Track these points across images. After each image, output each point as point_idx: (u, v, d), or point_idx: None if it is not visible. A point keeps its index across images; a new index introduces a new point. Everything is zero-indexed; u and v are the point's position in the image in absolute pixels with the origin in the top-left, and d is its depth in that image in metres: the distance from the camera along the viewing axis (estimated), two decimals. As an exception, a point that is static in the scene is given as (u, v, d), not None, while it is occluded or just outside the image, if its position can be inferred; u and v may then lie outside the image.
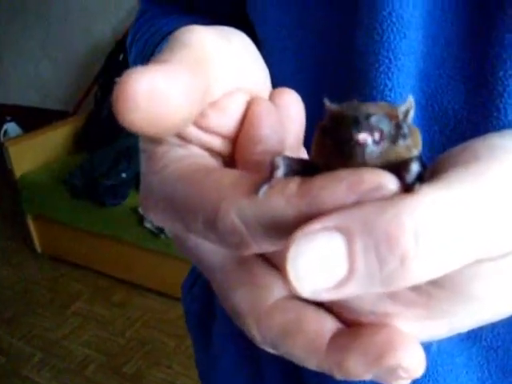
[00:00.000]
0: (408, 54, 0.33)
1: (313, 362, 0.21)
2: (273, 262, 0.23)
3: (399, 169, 0.19)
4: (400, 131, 0.20)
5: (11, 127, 3.43)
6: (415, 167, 0.19)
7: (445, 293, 0.19)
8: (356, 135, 0.19)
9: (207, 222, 0.20)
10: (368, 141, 0.19)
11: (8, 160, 2.64)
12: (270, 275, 0.23)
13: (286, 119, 0.25)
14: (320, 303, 0.22)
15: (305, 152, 0.27)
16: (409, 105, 0.20)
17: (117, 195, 2.40)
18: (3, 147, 2.64)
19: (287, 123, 0.25)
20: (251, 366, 0.52)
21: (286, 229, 0.19)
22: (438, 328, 0.21)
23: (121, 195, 2.40)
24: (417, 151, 0.20)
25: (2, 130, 3.42)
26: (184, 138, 0.24)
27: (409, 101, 0.20)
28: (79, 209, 2.54)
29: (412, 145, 0.20)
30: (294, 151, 0.25)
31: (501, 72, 0.31)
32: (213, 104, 0.23)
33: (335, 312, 0.22)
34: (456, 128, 0.33)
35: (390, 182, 0.18)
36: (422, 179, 0.19)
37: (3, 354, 2.26)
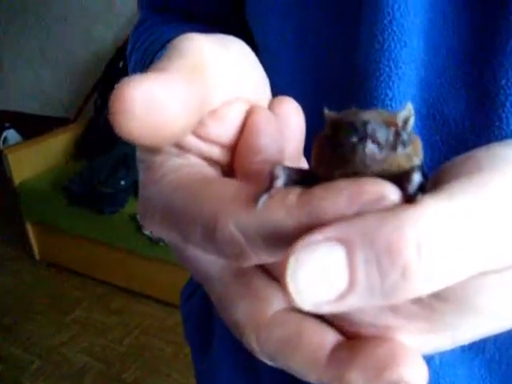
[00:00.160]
0: (409, 63, 0.32)
1: (313, 376, 0.21)
2: (272, 274, 0.23)
3: (401, 179, 0.18)
4: (399, 138, 0.19)
5: (11, 134, 3.43)
6: (417, 177, 0.18)
7: (448, 306, 0.19)
8: (354, 142, 0.19)
9: (206, 233, 0.20)
10: (366, 148, 0.19)
11: (7, 167, 2.64)
12: (270, 287, 0.23)
13: (286, 128, 0.25)
14: (320, 315, 0.22)
15: (305, 162, 0.26)
16: (408, 112, 0.20)
17: (115, 202, 2.40)
18: (2, 154, 2.63)
19: (287, 132, 0.25)
20: (250, 377, 0.51)
21: (286, 240, 0.18)
22: (441, 341, 0.21)
23: (119, 203, 2.40)
24: (418, 160, 0.20)
25: (2, 137, 3.41)
26: (182, 148, 0.23)
27: (408, 108, 0.20)
28: (78, 216, 2.53)
29: (412, 153, 0.20)
30: (294, 161, 0.25)
31: (503, 81, 0.31)
32: (212, 113, 0.23)
33: (336, 324, 0.21)
34: (457, 137, 0.33)
35: (392, 193, 0.18)
36: (424, 189, 0.18)
37: (1, 362, 2.25)
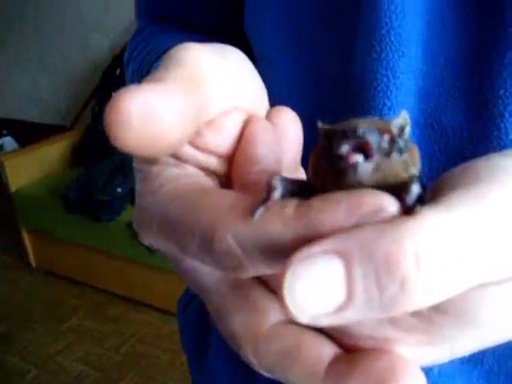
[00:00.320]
0: (407, 73, 0.32)
1: None
2: (270, 286, 0.23)
3: (399, 190, 0.18)
4: (394, 145, 0.19)
5: (7, 141, 3.42)
6: (416, 188, 0.18)
7: (447, 318, 0.19)
8: (344, 150, 0.18)
9: (203, 244, 0.20)
10: (357, 157, 0.18)
11: (3, 174, 2.63)
12: (267, 299, 0.22)
13: (284, 138, 0.24)
14: (318, 328, 0.21)
15: (303, 172, 0.26)
16: (403, 120, 0.20)
17: (112, 210, 2.39)
18: (-1, 162, 2.63)
19: (284, 142, 0.24)
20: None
21: (283, 252, 0.18)
22: (440, 353, 0.21)
23: (116, 210, 2.39)
24: (416, 170, 0.20)
25: (-2, 145, 3.41)
26: (179, 158, 0.23)
27: (402, 116, 0.20)
28: (75, 224, 2.53)
29: (410, 162, 0.20)
30: (292, 171, 0.25)
31: (501, 91, 0.30)
32: (209, 123, 0.23)
33: (334, 337, 0.21)
34: (456, 147, 0.33)
35: (390, 204, 0.18)
36: (423, 200, 0.18)
37: (-3, 370, 2.24)
